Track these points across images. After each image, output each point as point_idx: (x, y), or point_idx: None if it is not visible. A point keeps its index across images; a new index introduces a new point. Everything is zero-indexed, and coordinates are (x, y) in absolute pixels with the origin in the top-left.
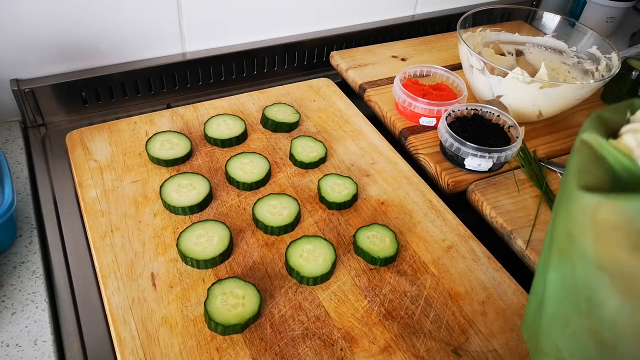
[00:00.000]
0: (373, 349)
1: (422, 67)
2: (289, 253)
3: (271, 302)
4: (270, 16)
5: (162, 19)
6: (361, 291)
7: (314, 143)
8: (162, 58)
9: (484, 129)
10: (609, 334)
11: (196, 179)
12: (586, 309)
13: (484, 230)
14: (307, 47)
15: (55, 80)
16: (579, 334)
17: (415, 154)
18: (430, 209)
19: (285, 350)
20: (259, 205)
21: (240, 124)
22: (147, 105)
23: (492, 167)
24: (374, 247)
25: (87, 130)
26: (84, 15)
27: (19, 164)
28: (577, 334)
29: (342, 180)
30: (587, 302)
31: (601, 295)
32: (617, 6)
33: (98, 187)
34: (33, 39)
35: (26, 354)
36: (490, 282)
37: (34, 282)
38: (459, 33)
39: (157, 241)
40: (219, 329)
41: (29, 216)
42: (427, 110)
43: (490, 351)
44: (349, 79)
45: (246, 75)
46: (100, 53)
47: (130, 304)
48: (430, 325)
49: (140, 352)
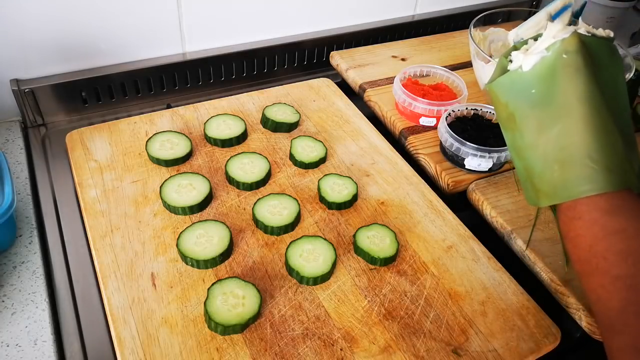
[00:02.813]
0: (373, 349)
1: (422, 67)
2: (289, 253)
3: (271, 302)
4: (270, 16)
5: (162, 19)
6: (361, 291)
7: (314, 143)
8: (162, 58)
9: (484, 129)
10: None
11: (196, 179)
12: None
13: (484, 230)
14: (307, 47)
15: (55, 80)
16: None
17: (415, 154)
18: (430, 209)
19: (285, 350)
20: (259, 205)
21: (240, 124)
22: (147, 105)
23: (492, 167)
24: (374, 247)
25: (87, 130)
26: (84, 15)
27: (19, 164)
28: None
29: (342, 180)
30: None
31: (508, 136)
32: (617, 6)
33: (98, 187)
34: (33, 39)
35: (26, 354)
36: (490, 282)
37: (34, 282)
38: (470, 34)
39: (157, 241)
40: (219, 329)
41: (29, 216)
42: (427, 110)
43: (490, 351)
44: (349, 79)
45: (246, 75)
46: (100, 53)
47: (130, 304)
48: (430, 325)
49: (140, 352)
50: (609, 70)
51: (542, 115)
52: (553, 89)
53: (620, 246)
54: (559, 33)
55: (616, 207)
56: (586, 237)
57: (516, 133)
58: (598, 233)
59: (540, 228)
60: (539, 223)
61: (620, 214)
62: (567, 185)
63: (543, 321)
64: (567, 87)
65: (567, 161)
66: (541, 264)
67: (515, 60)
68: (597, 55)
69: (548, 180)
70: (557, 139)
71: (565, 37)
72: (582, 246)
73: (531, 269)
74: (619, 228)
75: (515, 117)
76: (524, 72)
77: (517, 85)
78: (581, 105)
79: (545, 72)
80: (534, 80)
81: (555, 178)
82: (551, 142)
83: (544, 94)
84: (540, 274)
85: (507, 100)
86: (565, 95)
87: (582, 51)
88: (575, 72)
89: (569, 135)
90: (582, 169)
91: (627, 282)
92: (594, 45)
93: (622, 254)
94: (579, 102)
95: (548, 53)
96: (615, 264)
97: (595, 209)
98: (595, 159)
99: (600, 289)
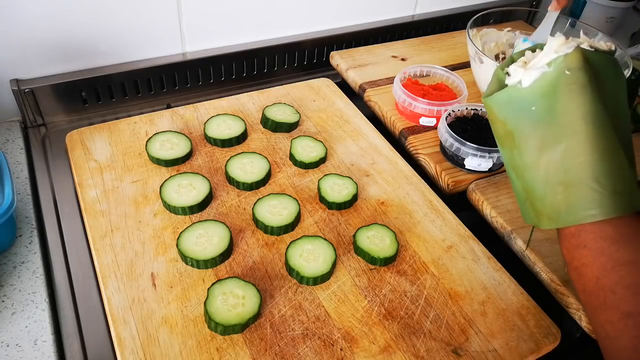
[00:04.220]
0: (373, 349)
1: (422, 67)
2: (289, 253)
3: (271, 302)
4: (270, 16)
5: (162, 19)
6: (361, 291)
7: (314, 143)
8: (162, 58)
9: (484, 129)
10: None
11: (196, 179)
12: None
13: (484, 230)
14: (307, 47)
15: (55, 80)
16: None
17: (415, 154)
18: (430, 209)
19: (285, 350)
20: (259, 205)
21: (240, 124)
22: (147, 105)
23: (492, 167)
24: (374, 247)
25: (87, 130)
26: (84, 15)
27: (19, 164)
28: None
29: (342, 180)
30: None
31: (505, 153)
32: (617, 6)
33: (98, 187)
34: (33, 39)
35: (26, 354)
36: (490, 282)
37: (34, 282)
38: (468, 35)
39: (157, 241)
40: (219, 329)
41: (29, 216)
42: (427, 110)
43: (490, 351)
44: (349, 79)
45: (246, 75)
46: (100, 53)
47: (130, 304)
48: (430, 325)
49: (140, 352)
50: (612, 86)
51: (543, 135)
52: (555, 107)
53: (630, 280)
54: (561, 47)
55: (624, 235)
56: (593, 268)
57: (514, 151)
58: (606, 264)
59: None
60: None
61: (629, 243)
62: (572, 209)
63: (543, 321)
64: (571, 105)
65: (572, 184)
66: (541, 264)
67: (514, 75)
68: (600, 71)
69: (550, 203)
70: (561, 160)
71: (568, 53)
72: (589, 277)
73: (531, 269)
74: (629, 259)
75: (514, 135)
76: (524, 88)
77: (516, 102)
78: (586, 125)
79: (547, 89)
80: (534, 97)
81: (559, 201)
82: (554, 163)
83: (545, 112)
84: (540, 274)
85: (506, 118)
86: (569, 113)
87: (586, 67)
88: (579, 90)
89: (574, 156)
90: (588, 192)
91: (638, 319)
92: (596, 61)
93: (632, 288)
94: (584, 122)
95: (549, 69)
96: (624, 299)
97: (602, 237)
98: (602, 182)
99: (609, 326)
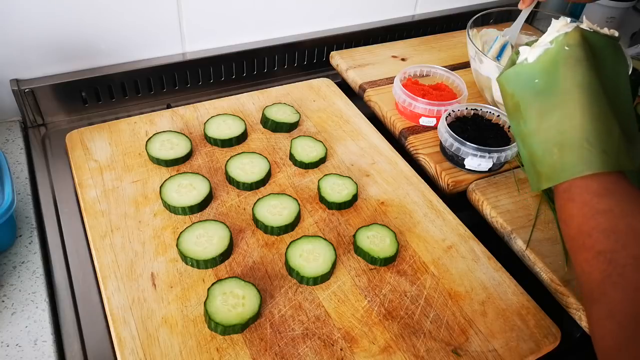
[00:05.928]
0: (373, 349)
1: (422, 67)
2: (289, 253)
3: (271, 302)
4: (270, 16)
5: (162, 19)
6: (361, 291)
7: (314, 143)
8: (162, 58)
9: (484, 129)
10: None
11: (196, 179)
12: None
13: (484, 230)
14: (307, 47)
15: (55, 80)
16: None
17: (415, 154)
18: (430, 209)
19: (285, 350)
20: (259, 205)
21: (240, 124)
22: (147, 105)
23: (492, 167)
24: (374, 247)
25: (87, 130)
26: (84, 15)
27: (19, 164)
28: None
29: (342, 181)
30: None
31: (514, 125)
32: (617, 6)
33: (98, 187)
34: (33, 39)
35: (26, 354)
36: (490, 282)
37: (34, 282)
38: (468, 35)
39: (157, 241)
40: (219, 329)
41: (29, 216)
42: (427, 110)
43: (490, 351)
44: (349, 79)
45: (246, 75)
46: (100, 53)
47: (130, 304)
48: (430, 325)
49: (140, 352)
50: (611, 66)
51: (544, 103)
52: (555, 79)
53: (606, 225)
54: (562, 27)
55: (606, 189)
56: (577, 217)
57: (521, 121)
58: (587, 213)
59: (540, 228)
60: (539, 223)
61: (609, 196)
62: (565, 166)
63: (543, 321)
64: (568, 76)
65: (566, 144)
66: (541, 264)
67: (522, 54)
68: (599, 49)
69: (548, 162)
70: (557, 124)
71: (568, 31)
72: (573, 225)
73: (531, 269)
74: (607, 209)
75: (520, 105)
76: (529, 64)
77: (522, 75)
78: (580, 92)
79: (548, 63)
80: (537, 71)
81: (554, 160)
82: (552, 128)
83: (546, 83)
84: (540, 274)
85: (513, 90)
86: (566, 83)
87: (583, 44)
88: (576, 63)
89: (568, 119)
90: (579, 150)
91: (607, 256)
92: (595, 40)
93: (606, 232)
94: (578, 90)
95: (551, 45)
96: (599, 241)
97: (587, 191)
98: (591, 141)
99: (584, 263)
